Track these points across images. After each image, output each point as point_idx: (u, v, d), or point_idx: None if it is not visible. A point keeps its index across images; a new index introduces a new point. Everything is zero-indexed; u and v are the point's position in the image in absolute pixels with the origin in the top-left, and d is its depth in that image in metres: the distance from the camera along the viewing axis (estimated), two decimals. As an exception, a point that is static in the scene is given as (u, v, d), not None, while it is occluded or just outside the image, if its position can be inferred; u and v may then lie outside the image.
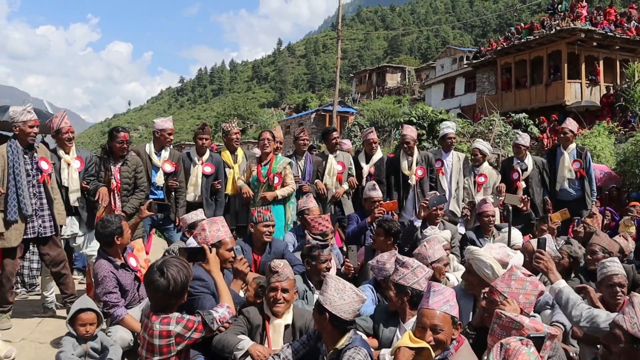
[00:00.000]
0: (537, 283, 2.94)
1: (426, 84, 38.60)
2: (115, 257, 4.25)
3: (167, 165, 6.15)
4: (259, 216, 4.82)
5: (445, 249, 4.93)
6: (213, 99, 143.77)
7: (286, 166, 6.20)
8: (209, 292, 3.67)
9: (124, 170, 5.65)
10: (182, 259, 3.06)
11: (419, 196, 6.74)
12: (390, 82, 52.27)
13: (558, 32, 21.73)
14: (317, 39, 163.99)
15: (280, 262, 3.60)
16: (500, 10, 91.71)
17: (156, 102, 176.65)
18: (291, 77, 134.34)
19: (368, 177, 7.03)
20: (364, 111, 34.10)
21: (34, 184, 4.89)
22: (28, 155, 4.91)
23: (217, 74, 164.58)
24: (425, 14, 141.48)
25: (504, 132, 16.00)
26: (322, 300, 3.03)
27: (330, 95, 61.74)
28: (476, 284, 3.57)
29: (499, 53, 25.37)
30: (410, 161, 6.88)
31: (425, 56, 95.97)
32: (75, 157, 5.44)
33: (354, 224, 6.10)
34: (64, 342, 3.82)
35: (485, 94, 25.84)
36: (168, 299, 2.91)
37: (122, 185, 5.62)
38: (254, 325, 3.54)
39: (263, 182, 6.10)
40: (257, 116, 56.16)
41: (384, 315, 3.60)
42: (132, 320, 4.06)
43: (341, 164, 7.00)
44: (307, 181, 6.82)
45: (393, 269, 3.90)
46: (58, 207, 5.12)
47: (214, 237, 3.88)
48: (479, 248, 3.75)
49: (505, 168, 7.31)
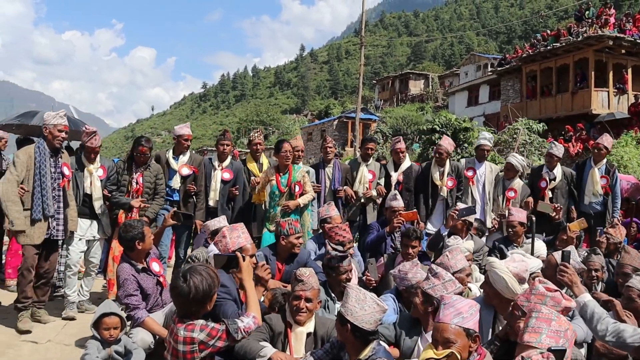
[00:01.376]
0: (559, 299, 2.87)
1: (450, 91, 38.36)
2: (137, 261, 4.31)
3: (185, 168, 6.31)
4: (291, 228, 4.84)
5: (468, 260, 4.88)
6: (235, 105, 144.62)
7: (305, 174, 6.29)
8: (231, 299, 3.69)
9: (147, 175, 5.93)
10: (211, 267, 3.05)
11: (450, 207, 6.71)
12: (413, 89, 52.10)
13: (585, 39, 21.44)
14: (339, 45, 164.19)
15: (306, 271, 3.60)
16: (526, 17, 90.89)
17: (179, 107, 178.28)
18: (313, 83, 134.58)
19: (396, 185, 7.05)
20: (387, 118, 34.08)
21: (55, 187, 5.03)
22: (53, 158, 5.06)
23: (240, 79, 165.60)
24: (450, 20, 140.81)
25: (529, 140, 15.84)
26: (344, 311, 3.02)
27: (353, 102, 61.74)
28: (492, 295, 3.54)
29: (524, 60, 25.11)
30: (442, 172, 6.91)
31: (449, 63, 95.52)
32: (99, 166, 5.65)
33: (374, 233, 6.08)
34: (89, 345, 3.90)
35: (509, 102, 25.60)
36: (189, 306, 2.92)
37: (144, 190, 5.88)
38: (276, 332, 3.54)
39: (284, 191, 6.15)
40: (280, 122, 56.40)
41: (406, 324, 3.58)
42: (153, 322, 4.10)
43: (372, 172, 7.06)
44: (336, 188, 6.92)
45: (415, 279, 3.89)
46: (72, 213, 5.27)
47: (235, 244, 3.90)
48: (497, 260, 3.70)
49: (534, 176, 7.27)
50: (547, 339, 2.44)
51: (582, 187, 7.14)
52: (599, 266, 4.81)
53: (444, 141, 7.16)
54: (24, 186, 4.86)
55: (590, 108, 21.16)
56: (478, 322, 2.76)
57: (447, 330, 2.69)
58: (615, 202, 7.08)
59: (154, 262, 4.46)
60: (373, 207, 7.13)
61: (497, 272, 3.46)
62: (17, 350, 4.53)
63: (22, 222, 4.81)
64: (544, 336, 2.45)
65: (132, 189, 5.87)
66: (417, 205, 6.83)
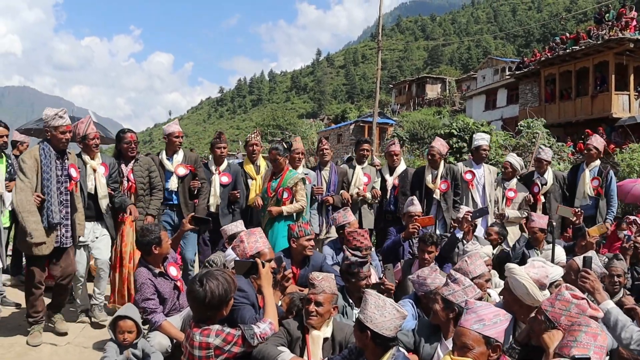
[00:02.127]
0: (584, 307, 2.79)
1: (467, 95, 38.17)
2: (154, 266, 4.31)
3: (181, 168, 6.04)
4: (300, 231, 4.80)
5: (487, 265, 4.83)
6: (252, 109, 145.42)
7: (298, 182, 6.02)
8: (249, 303, 3.69)
9: (137, 170, 5.65)
10: (228, 271, 3.04)
11: (444, 210, 6.69)
12: (430, 93, 51.97)
13: (606, 41, 21.24)
14: (356, 49, 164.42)
15: (318, 275, 3.57)
16: (544, 20, 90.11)
17: (196, 112, 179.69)
18: (330, 87, 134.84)
19: (392, 189, 6.98)
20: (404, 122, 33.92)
21: (62, 191, 4.66)
22: (60, 160, 4.69)
23: (256, 84, 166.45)
24: (467, 23, 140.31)
25: (548, 144, 15.69)
26: (363, 318, 2.97)
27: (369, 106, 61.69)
28: (512, 301, 3.48)
29: (543, 64, 24.93)
30: (435, 174, 6.78)
31: (466, 67, 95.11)
32: (101, 163, 5.32)
33: (391, 239, 6.06)
34: (108, 347, 3.93)
35: (528, 106, 25.41)
36: (205, 311, 2.92)
37: (138, 185, 5.62)
38: (294, 337, 3.52)
39: (271, 196, 5.98)
40: (296, 127, 56.41)
41: (425, 330, 3.52)
42: (170, 326, 4.11)
43: (367, 175, 6.93)
44: (332, 191, 6.74)
45: (434, 284, 3.84)
46: (79, 217, 4.91)
47: (253, 249, 3.90)
48: (517, 266, 3.64)
49: (526, 182, 7.19)
50: (595, 355, 2.37)
51: (575, 190, 7.08)
52: (621, 272, 4.72)
53: (436, 142, 6.98)
54: (39, 194, 4.51)
55: (611, 111, 20.93)
56: (503, 331, 2.69)
57: (465, 335, 2.65)
58: (611, 204, 6.95)
59: (172, 266, 4.45)
60: (369, 210, 7.00)
61: (518, 279, 3.41)
62: (37, 352, 4.57)
63: (41, 233, 4.47)
64: (591, 352, 2.37)
65: (124, 187, 5.58)
66: None
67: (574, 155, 16.35)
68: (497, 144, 15.23)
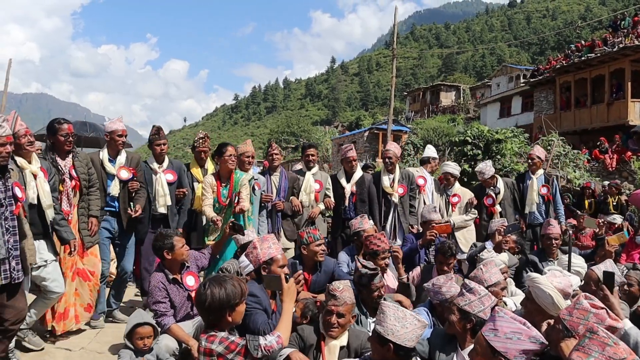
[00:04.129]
0: (603, 317, 2.74)
1: (481, 102, 37.98)
2: (170, 271, 4.34)
3: (124, 171, 5.46)
4: (310, 237, 4.75)
5: (503, 272, 4.79)
6: (267, 116, 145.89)
7: (245, 183, 5.71)
8: (261, 308, 3.70)
9: (78, 165, 5.02)
10: (238, 279, 3.02)
11: (400, 214, 6.66)
12: (444, 101, 51.78)
13: (622, 49, 21.04)
14: (370, 57, 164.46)
15: (339, 285, 3.52)
16: (559, 28, 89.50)
17: (211, 118, 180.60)
18: (344, 95, 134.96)
19: (350, 197, 6.75)
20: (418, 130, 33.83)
21: (7, 217, 3.73)
22: (1, 180, 3.77)
23: (271, 91, 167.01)
24: (481, 31, 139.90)
25: (563, 152, 15.57)
26: (383, 331, 2.92)
27: (383, 113, 61.66)
28: (535, 312, 3.43)
29: (558, 71, 24.74)
30: (392, 178, 6.75)
31: (480, 74, 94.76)
32: (39, 167, 4.53)
33: (407, 245, 6.04)
34: (122, 354, 3.95)
35: (543, 114, 25.23)
36: (206, 315, 2.88)
37: (81, 183, 5.02)
38: (307, 344, 3.50)
39: (225, 204, 5.63)
40: (310, 134, 56.54)
41: (440, 340, 3.46)
42: (178, 329, 4.12)
43: (318, 182, 6.68)
44: (282, 197, 6.43)
45: (450, 293, 3.81)
46: (29, 243, 4.05)
47: (266, 255, 3.90)
48: (540, 275, 3.59)
49: (478, 195, 7.30)
50: None
51: (524, 198, 7.50)
52: (634, 281, 4.65)
53: (390, 146, 7.00)
54: None
55: (627, 119, 20.69)
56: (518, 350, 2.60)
57: (478, 338, 2.68)
58: (558, 209, 7.51)
59: (190, 275, 4.45)
60: (323, 219, 6.90)
61: (542, 288, 3.36)
62: (52, 356, 4.58)
63: None
64: (592, 359, 2.31)
65: (67, 186, 4.90)
66: (372, 215, 6.57)
67: (590, 163, 16.18)
68: (512, 152, 15.13)
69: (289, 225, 6.41)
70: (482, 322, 3.14)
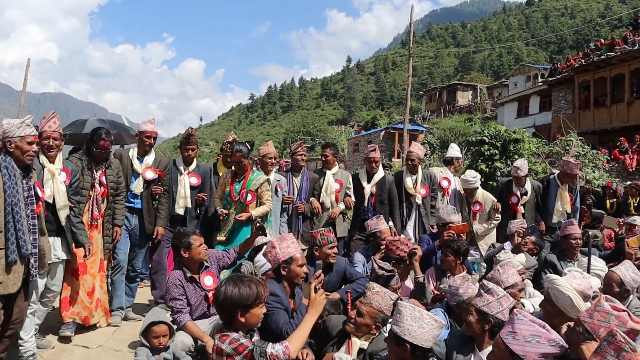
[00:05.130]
0: (625, 319, 2.69)
1: (499, 102, 37.70)
2: (188, 269, 4.37)
3: (149, 172, 5.63)
4: (323, 239, 4.73)
5: (521, 274, 4.74)
6: (282, 116, 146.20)
7: (264, 183, 5.70)
8: (283, 308, 3.71)
9: (109, 174, 5.26)
10: (256, 279, 2.99)
11: (422, 215, 6.59)
12: (461, 100, 51.54)
13: (642, 48, 20.77)
14: (386, 56, 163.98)
15: (375, 287, 3.52)
16: (578, 26, 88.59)
17: (227, 118, 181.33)
18: (360, 94, 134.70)
19: (370, 197, 6.64)
20: (434, 129, 33.73)
21: (29, 215, 3.80)
22: (25, 179, 3.84)
23: (287, 91, 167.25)
24: (498, 30, 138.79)
25: (582, 152, 15.37)
26: (400, 332, 2.90)
27: (399, 113, 61.49)
28: (554, 314, 3.38)
29: (577, 70, 24.47)
30: (415, 179, 6.68)
31: (497, 74, 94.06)
32: (61, 169, 4.64)
33: (424, 246, 6.01)
34: (139, 352, 3.96)
35: (561, 113, 24.97)
36: (220, 311, 2.89)
37: (109, 191, 5.25)
38: (331, 334, 3.57)
39: (235, 200, 5.61)
40: (326, 133, 56.62)
41: (457, 341, 3.43)
42: (193, 325, 4.16)
43: (339, 182, 6.58)
44: (303, 198, 6.40)
45: (467, 294, 3.78)
46: (46, 241, 4.13)
47: (285, 254, 3.90)
48: (559, 277, 3.55)
49: (503, 192, 7.21)
50: None
51: (549, 205, 7.21)
52: None
53: (414, 147, 6.89)
54: None
55: (648, 119, 20.44)
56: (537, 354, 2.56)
57: (496, 340, 2.65)
58: (577, 216, 7.42)
59: (209, 275, 4.46)
60: (343, 218, 6.76)
61: (562, 290, 3.31)
62: (69, 354, 4.63)
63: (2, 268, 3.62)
64: None
65: (97, 192, 5.10)
66: (392, 216, 6.53)
67: (609, 164, 15.97)
68: (529, 152, 14.97)
69: (307, 227, 6.38)
70: (500, 324, 3.11)
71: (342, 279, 4.79)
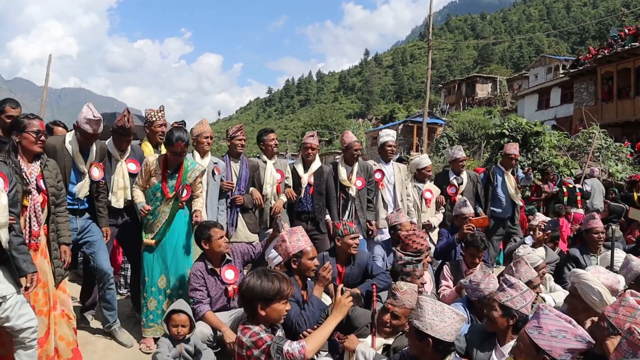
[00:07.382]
0: None
1: (519, 94, 37.28)
2: (210, 262, 4.43)
3: (95, 169, 4.51)
4: (345, 229, 4.73)
5: (541, 268, 4.69)
6: (300, 110, 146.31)
7: (199, 174, 4.88)
8: (294, 300, 3.73)
9: (48, 176, 3.86)
10: (285, 278, 2.97)
11: (357, 209, 6.18)
12: (480, 93, 51.06)
13: (668, 38, 20.37)
14: (404, 49, 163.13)
15: (403, 286, 3.51)
16: (600, 16, 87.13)
17: (245, 112, 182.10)
18: (378, 87, 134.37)
19: (307, 187, 6.14)
20: (453, 122, 33.47)
21: None
22: None
23: (304, 84, 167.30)
24: (518, 21, 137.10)
25: (604, 145, 15.17)
26: (421, 326, 2.88)
27: (418, 106, 61.16)
28: (581, 309, 3.34)
29: (600, 61, 24.08)
30: (350, 170, 6.26)
31: (517, 65, 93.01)
32: None
33: (443, 240, 5.99)
34: (160, 343, 4.07)
35: (583, 105, 24.60)
36: (243, 302, 2.93)
37: (50, 198, 3.85)
38: (354, 325, 3.59)
39: (170, 197, 4.68)
40: (344, 127, 56.52)
41: (478, 336, 3.42)
42: (212, 316, 4.23)
43: (279, 172, 6.05)
44: (242, 188, 5.69)
45: (488, 289, 3.75)
46: None
47: (295, 247, 3.93)
48: (586, 272, 3.49)
49: (441, 182, 7.15)
50: None
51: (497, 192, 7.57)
52: None
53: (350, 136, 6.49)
54: None
55: (673, 110, 20.08)
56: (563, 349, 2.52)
57: (521, 335, 2.63)
58: None
59: (229, 269, 4.49)
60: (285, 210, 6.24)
61: (590, 284, 3.27)
62: (93, 346, 4.68)
63: None
64: None
65: (34, 200, 3.68)
66: (329, 208, 6.13)
67: (633, 156, 15.71)
68: (550, 144, 14.80)
69: (251, 218, 5.77)
70: (525, 318, 3.09)
71: (365, 274, 4.77)
